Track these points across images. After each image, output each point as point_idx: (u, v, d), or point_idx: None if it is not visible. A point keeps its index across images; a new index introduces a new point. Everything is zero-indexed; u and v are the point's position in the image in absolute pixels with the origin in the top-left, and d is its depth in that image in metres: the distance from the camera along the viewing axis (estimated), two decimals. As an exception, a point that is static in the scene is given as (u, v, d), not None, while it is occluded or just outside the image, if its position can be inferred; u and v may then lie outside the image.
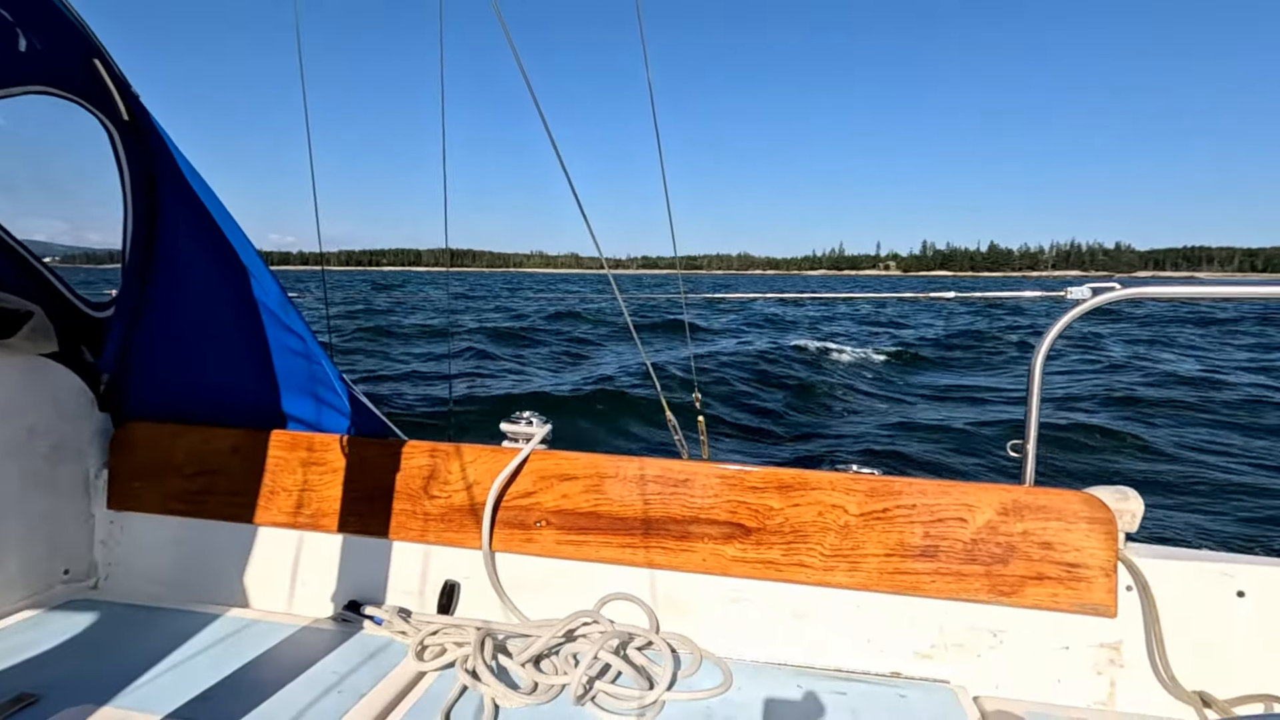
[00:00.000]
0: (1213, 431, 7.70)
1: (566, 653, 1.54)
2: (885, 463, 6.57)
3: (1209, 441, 7.24)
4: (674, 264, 2.37)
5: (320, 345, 1.88)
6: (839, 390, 10.44)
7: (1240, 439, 7.35)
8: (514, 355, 13.42)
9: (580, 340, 16.47)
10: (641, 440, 7.66)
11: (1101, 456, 6.79)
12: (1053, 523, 1.49)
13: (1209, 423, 8.04)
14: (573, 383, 10.32)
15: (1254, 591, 1.45)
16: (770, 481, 1.61)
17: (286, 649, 1.60)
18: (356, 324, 18.55)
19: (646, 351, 2.09)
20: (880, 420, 8.44)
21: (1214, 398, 9.28)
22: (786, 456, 7.04)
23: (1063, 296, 1.61)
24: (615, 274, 1.93)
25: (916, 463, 6.74)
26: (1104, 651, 1.50)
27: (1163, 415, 8.38)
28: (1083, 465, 6.49)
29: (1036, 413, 1.57)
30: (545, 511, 1.71)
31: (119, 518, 1.93)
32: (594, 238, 1.88)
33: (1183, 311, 29.00)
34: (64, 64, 1.68)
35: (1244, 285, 1.55)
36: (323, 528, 1.81)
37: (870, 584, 1.55)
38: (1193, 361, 12.85)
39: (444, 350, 14.18)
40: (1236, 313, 26.55)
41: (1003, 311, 16.96)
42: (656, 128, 1.95)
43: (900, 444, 7.32)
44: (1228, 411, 8.49)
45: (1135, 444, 7.18)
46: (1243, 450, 6.90)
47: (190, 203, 1.80)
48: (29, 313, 1.76)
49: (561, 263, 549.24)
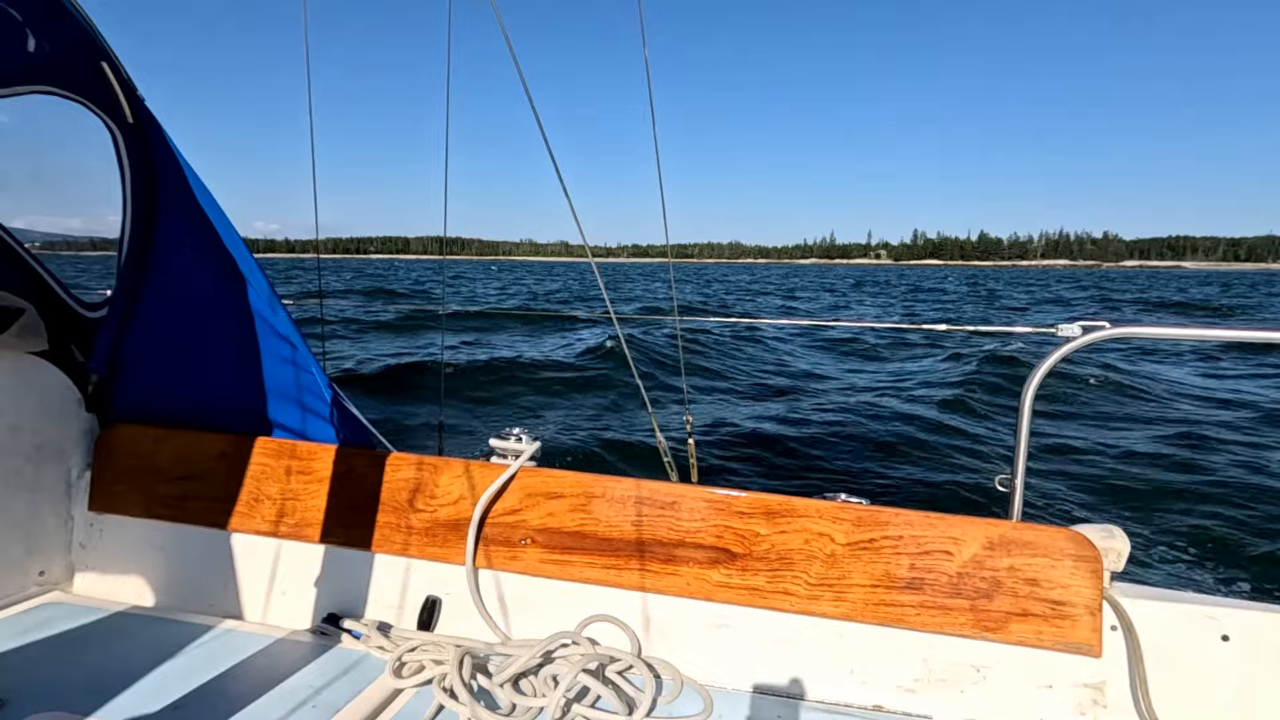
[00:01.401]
0: (1209, 462, 7.74)
1: (546, 674, 1.52)
2: (871, 492, 6.57)
3: (1204, 476, 7.26)
4: (664, 253, 2.37)
5: (310, 352, 1.88)
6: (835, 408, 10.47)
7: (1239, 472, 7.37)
8: (503, 366, 13.42)
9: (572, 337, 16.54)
10: (629, 462, 7.64)
11: (1087, 493, 6.80)
12: (1039, 559, 1.48)
13: (1204, 456, 8.06)
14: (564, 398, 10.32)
15: (1238, 636, 1.45)
16: (757, 507, 1.60)
17: (263, 660, 1.58)
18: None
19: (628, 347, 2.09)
20: (861, 448, 8.46)
21: (1212, 427, 9.30)
22: (774, 481, 7.03)
23: (1054, 333, 1.62)
24: (602, 262, 1.94)
25: (902, 493, 6.73)
26: (1087, 691, 1.49)
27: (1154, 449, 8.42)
28: (1069, 501, 6.51)
29: (1025, 448, 1.58)
30: (531, 529, 1.70)
31: (99, 520, 1.91)
32: (579, 226, 1.88)
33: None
34: (71, 65, 1.69)
35: (1239, 330, 1.56)
36: (305, 538, 1.79)
37: (855, 614, 1.54)
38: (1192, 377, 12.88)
39: (432, 358, 14.17)
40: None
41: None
42: (653, 114, 1.96)
43: (886, 473, 7.33)
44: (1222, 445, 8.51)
45: (1124, 478, 7.21)
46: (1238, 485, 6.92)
47: (190, 208, 1.81)
48: (20, 310, 1.76)
49: (551, 251, 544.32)
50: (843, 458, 7.83)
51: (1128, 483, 7.01)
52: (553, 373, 12.07)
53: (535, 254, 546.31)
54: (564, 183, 1.83)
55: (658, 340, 14.27)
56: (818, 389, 11.41)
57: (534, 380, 11.61)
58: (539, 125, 1.75)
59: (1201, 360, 14.84)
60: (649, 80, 1.92)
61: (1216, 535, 5.61)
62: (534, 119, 1.75)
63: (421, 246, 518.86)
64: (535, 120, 1.75)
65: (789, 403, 10.61)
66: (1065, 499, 6.46)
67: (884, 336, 16.78)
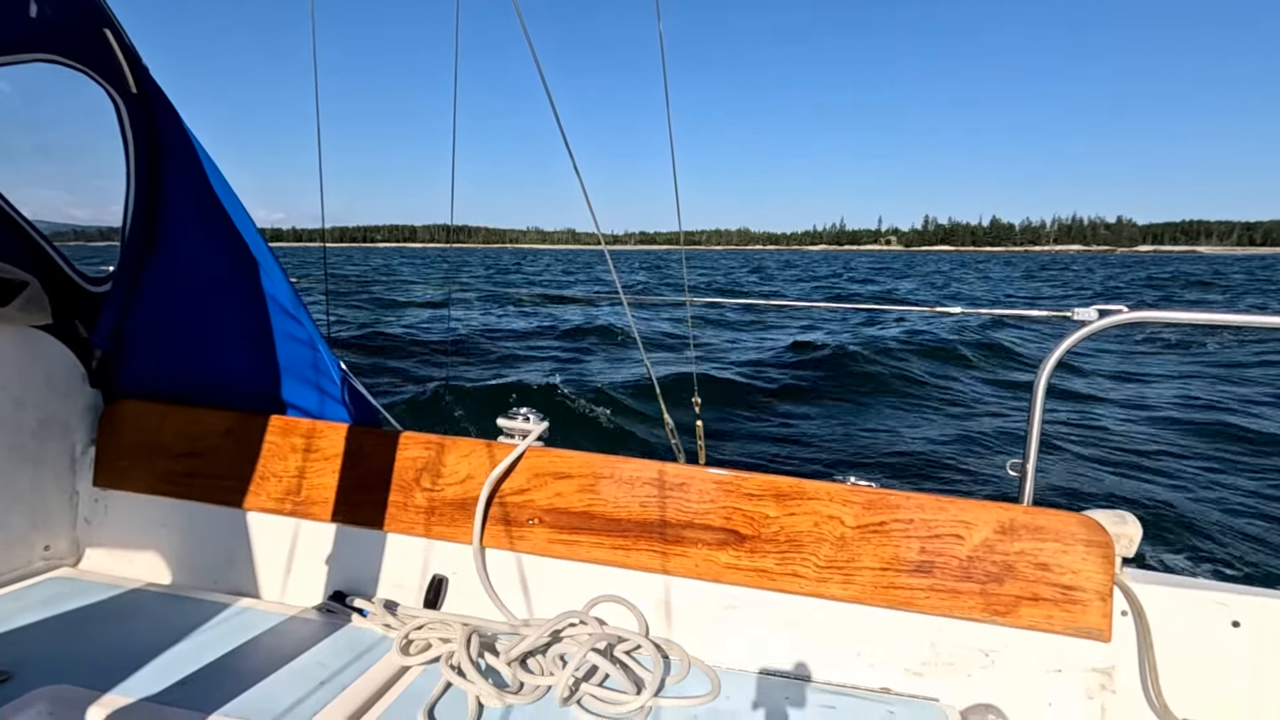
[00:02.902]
0: (1221, 451, 7.69)
1: (554, 653, 1.52)
2: (881, 475, 6.56)
3: (1216, 465, 7.22)
4: (672, 239, 2.34)
5: (318, 330, 1.87)
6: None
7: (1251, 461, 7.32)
8: (509, 352, 13.43)
9: (579, 331, 16.53)
10: (639, 443, 7.65)
11: (1101, 478, 6.78)
12: (1050, 544, 1.47)
13: (1217, 446, 8.02)
14: (573, 382, 10.32)
15: (1249, 622, 1.44)
16: (767, 489, 1.59)
17: (269, 637, 1.58)
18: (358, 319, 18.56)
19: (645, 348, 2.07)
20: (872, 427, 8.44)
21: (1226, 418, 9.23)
22: (784, 462, 7.02)
23: (1069, 316, 1.59)
24: (613, 249, 1.91)
25: (914, 475, 6.73)
26: (1096, 676, 1.48)
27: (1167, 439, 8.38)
28: (1081, 486, 6.49)
29: (1038, 432, 1.56)
30: (538, 509, 1.69)
31: (104, 496, 1.91)
32: (593, 215, 1.85)
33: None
34: (74, 32, 1.66)
35: (1261, 316, 1.53)
36: (312, 516, 1.79)
37: (863, 597, 1.53)
38: (1198, 380, 12.82)
39: (440, 339, 14.18)
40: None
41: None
42: (667, 98, 1.93)
43: (897, 453, 7.32)
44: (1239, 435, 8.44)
45: (1137, 465, 7.18)
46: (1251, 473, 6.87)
47: (195, 180, 1.78)
48: (24, 283, 1.74)
49: (558, 239, 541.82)
50: (855, 441, 7.82)
51: (1140, 468, 6.99)
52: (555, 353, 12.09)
53: (543, 242, 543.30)
54: (576, 163, 1.80)
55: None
56: (836, 373, 11.39)
57: (535, 359, 11.63)
58: (552, 107, 1.72)
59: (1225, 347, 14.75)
60: (664, 65, 1.88)
61: (1227, 521, 5.60)
62: (547, 103, 1.72)
63: (429, 235, 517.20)
64: (549, 101, 1.71)
65: (808, 385, 10.61)
66: (1075, 483, 6.45)
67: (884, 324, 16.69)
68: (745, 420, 8.71)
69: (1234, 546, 5.14)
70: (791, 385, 10.73)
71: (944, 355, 12.99)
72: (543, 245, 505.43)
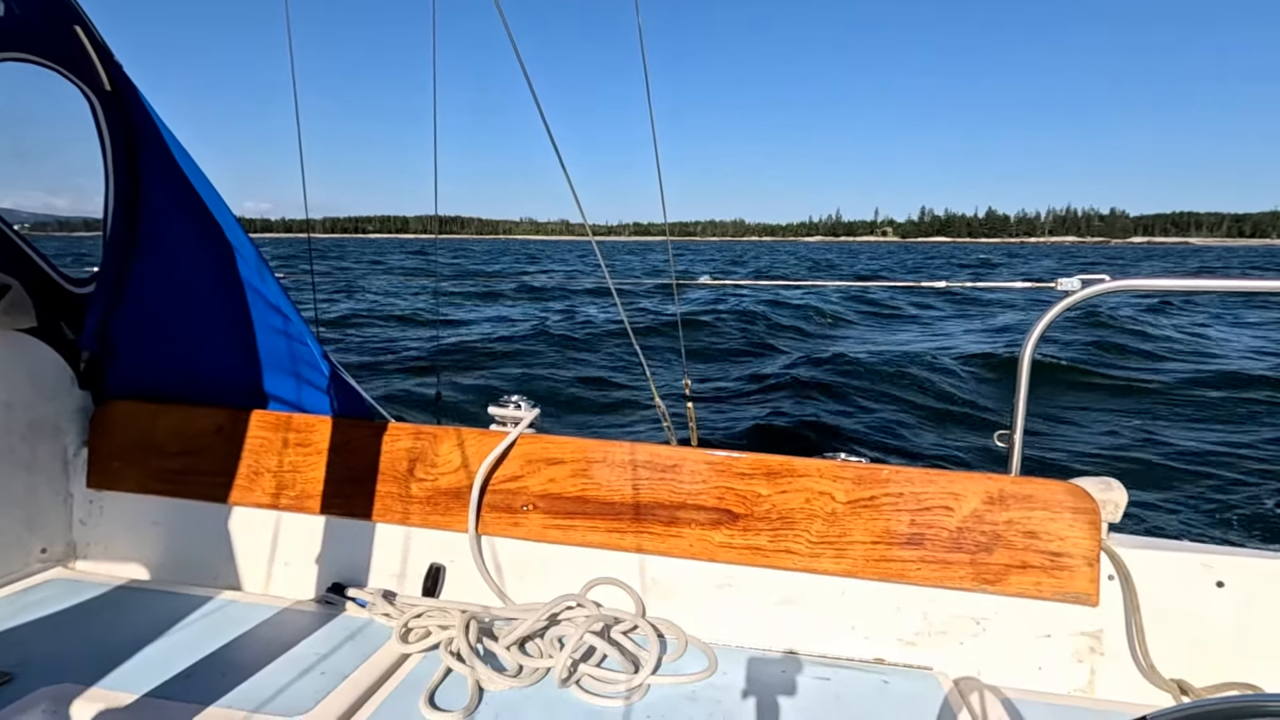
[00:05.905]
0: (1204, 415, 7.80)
1: (552, 636, 1.54)
2: (872, 451, 6.61)
3: (1201, 431, 7.32)
4: (665, 230, 2.34)
5: (305, 323, 1.86)
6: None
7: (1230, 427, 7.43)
8: (503, 339, 13.39)
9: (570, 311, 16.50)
10: (628, 425, 7.67)
11: (1086, 445, 6.86)
12: (1037, 512, 1.50)
13: (1201, 413, 8.12)
14: (565, 367, 10.32)
15: (1233, 582, 1.47)
16: (758, 468, 1.61)
17: (268, 630, 1.59)
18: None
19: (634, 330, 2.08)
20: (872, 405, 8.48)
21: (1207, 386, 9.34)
22: (777, 431, 7.06)
23: (1052, 288, 1.61)
24: (602, 240, 1.91)
25: (904, 450, 6.78)
26: (1085, 640, 1.51)
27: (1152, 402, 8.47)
28: (1067, 454, 6.56)
29: (1024, 403, 1.58)
30: (532, 495, 1.70)
31: (98, 497, 1.91)
32: (579, 205, 1.85)
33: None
34: (45, 30, 1.63)
35: (1240, 280, 1.55)
36: (306, 509, 1.79)
37: (856, 571, 1.56)
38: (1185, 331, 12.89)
39: (429, 331, 14.13)
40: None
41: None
42: (648, 89, 1.92)
43: (891, 430, 7.37)
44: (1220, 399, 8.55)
45: (1121, 430, 7.27)
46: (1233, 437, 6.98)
47: (173, 176, 1.76)
48: (6, 286, 1.73)
49: (551, 229, 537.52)
50: (843, 416, 7.87)
51: (1127, 439, 7.08)
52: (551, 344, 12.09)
53: (536, 232, 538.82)
54: (561, 156, 1.79)
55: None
56: (816, 349, 11.42)
57: (527, 351, 11.62)
58: (535, 100, 1.71)
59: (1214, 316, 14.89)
60: (643, 55, 1.87)
61: (1212, 486, 5.69)
62: (530, 96, 1.71)
63: (421, 225, 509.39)
64: (531, 96, 1.70)
65: (789, 366, 10.64)
66: (1062, 453, 6.53)
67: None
68: (734, 399, 8.74)
69: (1217, 509, 5.23)
70: (783, 366, 10.78)
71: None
72: (536, 236, 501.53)
